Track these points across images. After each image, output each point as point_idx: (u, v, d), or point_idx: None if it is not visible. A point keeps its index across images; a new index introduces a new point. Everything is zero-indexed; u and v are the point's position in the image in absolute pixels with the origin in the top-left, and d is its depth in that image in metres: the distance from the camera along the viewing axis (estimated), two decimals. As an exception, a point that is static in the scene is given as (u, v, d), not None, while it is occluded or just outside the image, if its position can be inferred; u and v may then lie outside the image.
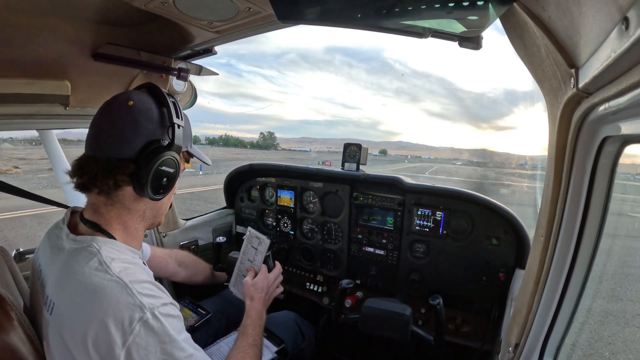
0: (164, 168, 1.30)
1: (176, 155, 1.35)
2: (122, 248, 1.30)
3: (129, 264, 1.24)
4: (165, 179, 1.33)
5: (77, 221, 1.37)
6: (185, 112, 1.45)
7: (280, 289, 2.09)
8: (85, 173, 1.28)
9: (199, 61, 2.17)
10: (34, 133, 2.73)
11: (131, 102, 1.29)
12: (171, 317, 1.20)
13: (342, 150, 2.85)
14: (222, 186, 3.45)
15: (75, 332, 1.10)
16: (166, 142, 1.33)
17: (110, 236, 1.30)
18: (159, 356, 1.13)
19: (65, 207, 1.76)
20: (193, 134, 1.58)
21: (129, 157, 1.26)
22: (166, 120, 1.34)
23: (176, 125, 1.34)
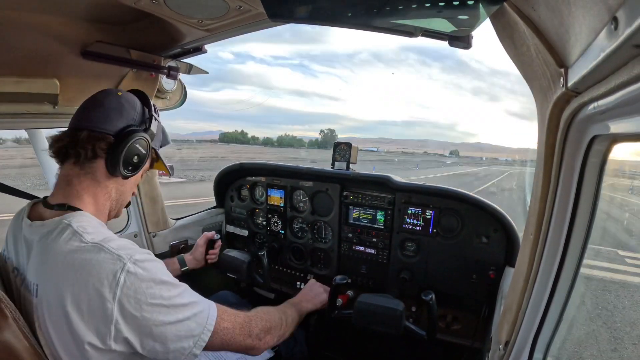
0: (137, 146, 1.44)
1: (149, 139, 1.50)
2: (90, 218, 1.35)
3: (101, 230, 1.31)
4: (136, 157, 1.45)
5: (41, 210, 1.40)
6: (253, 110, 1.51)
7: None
8: (66, 138, 1.39)
9: (191, 60, 2.16)
10: (21, 132, 2.70)
11: (120, 93, 1.48)
12: (150, 261, 1.25)
13: (415, 151, 2.84)
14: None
15: (66, 305, 1.13)
16: (143, 128, 1.50)
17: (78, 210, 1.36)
18: (150, 301, 1.18)
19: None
20: (277, 134, 1.67)
21: (110, 132, 1.39)
22: (147, 113, 1.54)
23: (154, 118, 1.55)
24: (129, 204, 1.67)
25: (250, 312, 1.60)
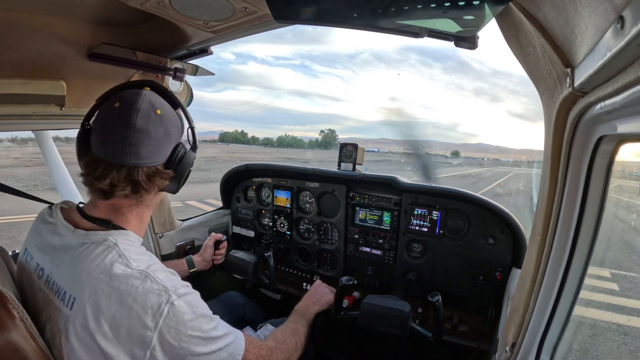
0: (187, 163, 1.44)
1: (195, 154, 1.49)
2: (133, 238, 1.37)
3: (143, 254, 1.32)
4: (187, 172, 1.48)
5: (78, 219, 1.37)
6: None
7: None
8: (133, 183, 1.31)
9: (196, 61, 2.17)
10: (18, 132, 2.73)
11: (159, 111, 1.33)
12: (191, 294, 1.28)
13: (416, 151, 2.83)
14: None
15: (103, 325, 1.15)
16: (189, 146, 1.47)
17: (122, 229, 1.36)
18: (190, 333, 1.22)
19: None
20: (278, 134, 1.66)
21: (163, 162, 1.36)
22: (185, 123, 1.46)
23: (190, 128, 1.50)
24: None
25: (271, 343, 1.65)
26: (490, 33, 1.18)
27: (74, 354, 1.17)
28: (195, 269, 2.43)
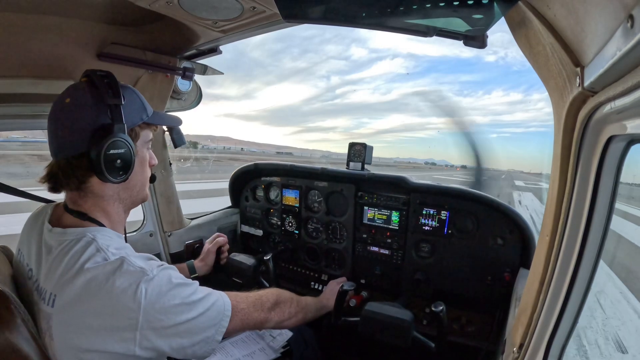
0: (112, 152, 1.30)
1: (122, 135, 1.32)
2: (112, 234, 1.37)
3: (122, 247, 1.33)
4: (118, 161, 1.33)
5: (60, 213, 1.41)
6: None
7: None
8: (52, 178, 1.35)
9: (205, 60, 2.18)
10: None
11: (68, 100, 1.31)
12: (166, 269, 1.30)
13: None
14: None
15: (88, 317, 1.16)
16: (107, 124, 1.31)
17: (100, 224, 1.37)
18: (172, 302, 1.24)
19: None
20: None
21: (82, 152, 1.29)
22: (102, 104, 1.31)
23: (113, 106, 1.32)
24: (153, 179, 1.62)
25: (260, 291, 1.75)
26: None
27: (61, 351, 1.18)
28: (196, 275, 2.41)
